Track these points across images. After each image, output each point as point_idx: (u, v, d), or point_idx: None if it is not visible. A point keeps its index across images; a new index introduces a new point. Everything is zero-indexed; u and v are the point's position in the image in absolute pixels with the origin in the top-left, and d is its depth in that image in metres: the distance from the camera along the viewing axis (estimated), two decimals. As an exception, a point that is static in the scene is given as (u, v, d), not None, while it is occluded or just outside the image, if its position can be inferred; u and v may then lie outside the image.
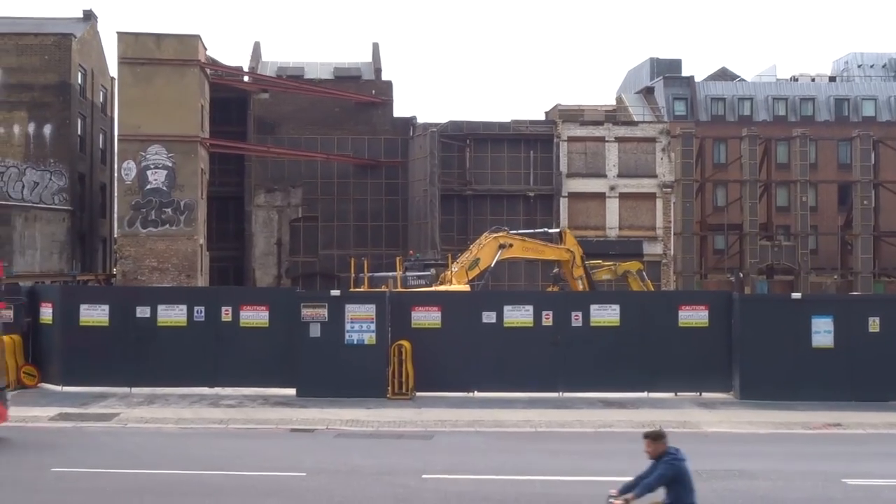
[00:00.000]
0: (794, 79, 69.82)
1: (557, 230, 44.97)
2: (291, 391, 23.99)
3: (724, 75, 70.68)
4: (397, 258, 42.82)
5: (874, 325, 24.20)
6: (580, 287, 40.56)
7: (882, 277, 59.12)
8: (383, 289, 32.60)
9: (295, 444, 18.63)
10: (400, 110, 61.92)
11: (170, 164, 49.78)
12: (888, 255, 60.24)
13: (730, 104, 64.93)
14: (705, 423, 21.33)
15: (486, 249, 38.39)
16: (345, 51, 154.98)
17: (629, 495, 9.67)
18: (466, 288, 35.29)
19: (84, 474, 15.31)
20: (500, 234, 39.22)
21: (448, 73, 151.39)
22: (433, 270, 41.55)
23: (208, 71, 53.72)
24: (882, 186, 59.95)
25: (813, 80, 69.52)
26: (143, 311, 24.81)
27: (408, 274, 40.03)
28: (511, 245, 38.92)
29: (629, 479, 10.08)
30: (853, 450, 18.39)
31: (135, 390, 24.54)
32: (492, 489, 14.34)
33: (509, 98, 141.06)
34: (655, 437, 9.95)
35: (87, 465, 15.98)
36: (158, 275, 49.19)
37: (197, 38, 50.68)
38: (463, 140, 58.08)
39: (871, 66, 72.28)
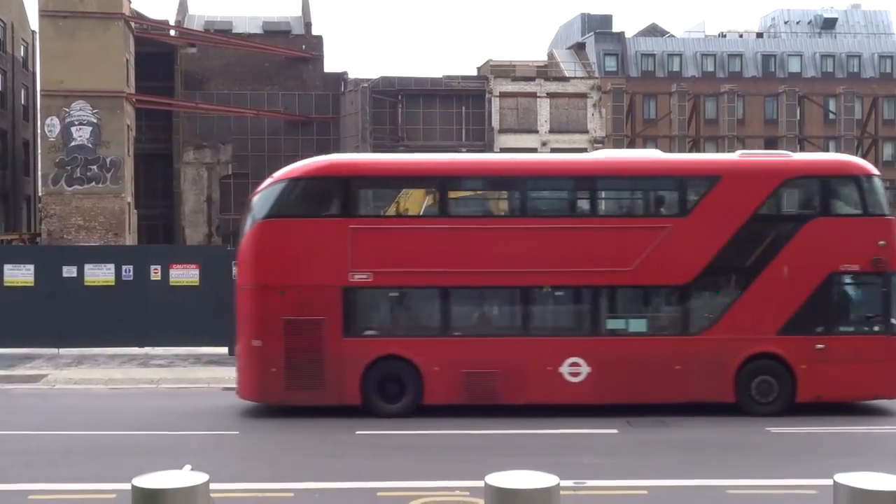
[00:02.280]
0: (723, 35, 70.48)
1: None
2: (223, 350, 23.80)
3: (653, 31, 71.06)
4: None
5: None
6: None
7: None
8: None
9: (227, 402, 18.52)
10: (331, 66, 61.60)
11: (95, 121, 48.69)
12: (812, 208, 61.43)
13: (659, 60, 65.39)
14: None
15: (412, 199, 38.17)
16: (274, 5, 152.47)
17: None
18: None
19: (12, 437, 15.06)
20: None
21: (379, 28, 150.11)
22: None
23: (133, 24, 52.48)
24: (807, 142, 61.01)
25: (741, 36, 70.26)
26: (69, 271, 24.31)
27: None
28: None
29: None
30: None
31: (62, 351, 24.21)
32: (426, 441, 14.43)
33: (441, 53, 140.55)
34: None
35: (15, 427, 15.72)
36: (85, 233, 48.28)
37: (121, -10, 49.43)
38: (395, 96, 57.70)
39: (798, 23, 73.27)
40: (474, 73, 63.76)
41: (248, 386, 16.63)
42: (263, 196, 16.90)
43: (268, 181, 17.24)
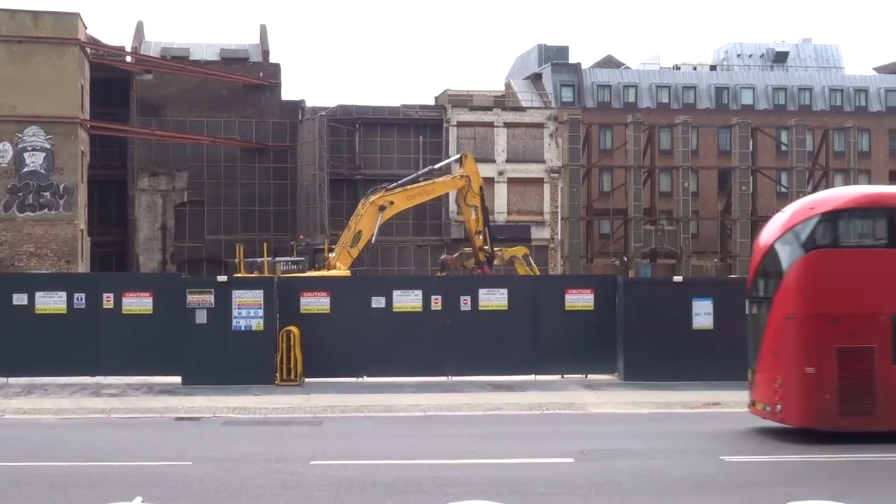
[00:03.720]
0: (677, 67, 71.44)
1: (457, 157, 44.59)
2: (177, 379, 23.58)
3: (609, 63, 71.82)
4: (265, 244, 41.86)
5: (751, 306, 24.99)
6: (473, 217, 40.34)
7: (759, 261, 61.02)
8: (255, 274, 32.32)
9: (180, 432, 18.30)
10: (288, 93, 61.25)
11: (48, 147, 48.18)
12: (765, 239, 62.17)
13: (615, 91, 66.08)
14: (591, 404, 21.74)
15: (366, 219, 37.19)
16: (232, 32, 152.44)
17: None
18: (347, 273, 34.88)
19: (-43, 468, 14.72)
20: (377, 195, 37.90)
21: (337, 56, 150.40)
22: (323, 255, 41.08)
23: (88, 50, 52.10)
24: (759, 173, 61.93)
25: (695, 68, 71.28)
26: (19, 299, 24.00)
27: (277, 259, 38.84)
28: (392, 202, 37.91)
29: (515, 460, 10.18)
30: (731, 428, 18.96)
31: (11, 380, 23.81)
32: (382, 474, 14.34)
33: (399, 82, 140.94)
34: None
35: (-39, 459, 15.38)
36: (37, 261, 47.61)
37: (76, 16, 49.11)
38: (352, 124, 57.79)
39: (750, 56, 74.52)
40: (432, 102, 64.03)
41: (800, 412, 16.87)
42: (806, 227, 17.21)
43: (806, 211, 17.49)
